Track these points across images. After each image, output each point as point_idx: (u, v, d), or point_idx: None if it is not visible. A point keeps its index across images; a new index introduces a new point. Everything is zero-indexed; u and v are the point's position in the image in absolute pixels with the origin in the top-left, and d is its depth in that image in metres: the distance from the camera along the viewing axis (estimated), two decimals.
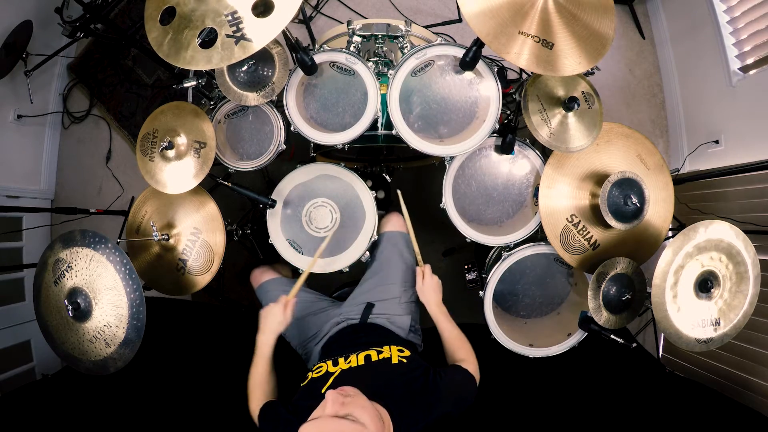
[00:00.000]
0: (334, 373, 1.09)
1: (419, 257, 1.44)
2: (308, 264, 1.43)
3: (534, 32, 1.11)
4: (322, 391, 1.03)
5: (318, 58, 1.32)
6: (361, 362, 1.10)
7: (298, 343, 1.45)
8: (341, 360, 1.13)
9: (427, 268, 1.39)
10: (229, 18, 1.05)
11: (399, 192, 1.48)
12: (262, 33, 1.04)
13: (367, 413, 0.83)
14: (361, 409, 0.83)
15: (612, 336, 1.37)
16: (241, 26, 1.05)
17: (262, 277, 1.58)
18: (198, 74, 1.52)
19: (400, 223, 1.58)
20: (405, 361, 1.11)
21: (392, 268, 1.48)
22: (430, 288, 1.36)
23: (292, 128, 1.40)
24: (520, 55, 1.10)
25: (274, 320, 1.24)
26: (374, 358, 1.11)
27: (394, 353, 1.13)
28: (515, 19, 1.11)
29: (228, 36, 1.05)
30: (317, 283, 1.64)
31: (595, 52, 1.15)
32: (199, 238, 1.48)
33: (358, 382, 0.96)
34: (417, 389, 1.01)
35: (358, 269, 1.54)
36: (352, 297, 1.49)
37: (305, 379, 1.12)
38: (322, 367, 1.13)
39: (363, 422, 0.81)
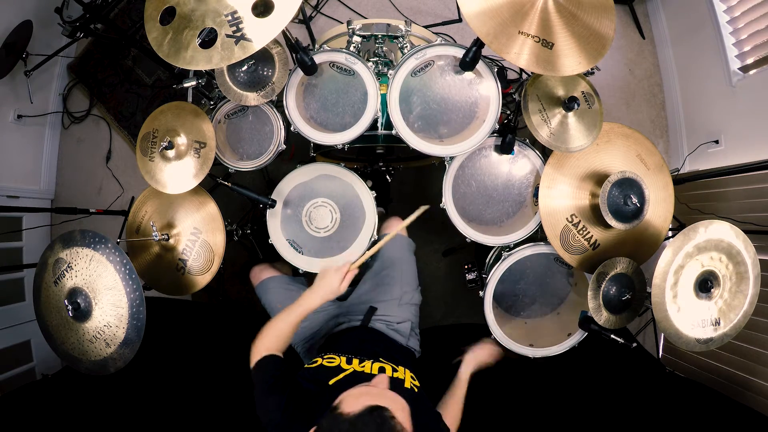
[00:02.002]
0: (346, 370, 1.08)
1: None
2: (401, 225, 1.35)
3: (534, 32, 1.11)
4: (330, 383, 1.02)
5: (318, 58, 1.32)
6: (375, 371, 1.09)
7: (296, 341, 1.45)
8: (355, 361, 1.13)
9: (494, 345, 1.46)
10: (229, 18, 1.05)
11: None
12: (262, 33, 1.05)
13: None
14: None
15: (612, 336, 1.36)
16: (241, 26, 1.05)
17: (261, 274, 1.58)
18: (198, 74, 1.52)
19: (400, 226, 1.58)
20: (416, 390, 1.10)
21: (393, 270, 1.48)
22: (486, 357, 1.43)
23: (292, 128, 1.40)
24: (520, 55, 1.10)
25: (328, 286, 1.19)
26: (388, 372, 1.10)
27: (407, 377, 1.12)
28: (515, 19, 1.11)
29: (228, 36, 1.05)
30: None
31: (595, 52, 1.15)
32: (199, 238, 1.48)
33: None
34: (422, 426, 0.99)
35: (358, 269, 1.54)
36: (353, 298, 1.49)
37: (312, 363, 1.11)
38: (334, 359, 1.12)
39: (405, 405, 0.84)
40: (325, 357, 1.13)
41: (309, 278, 1.58)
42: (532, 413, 1.61)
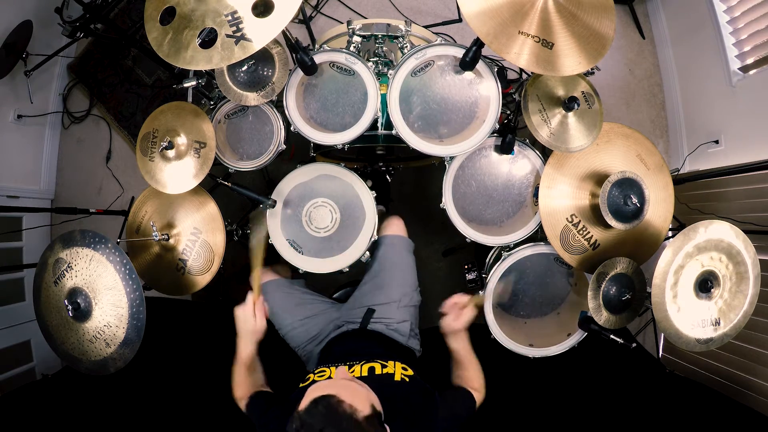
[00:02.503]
0: None
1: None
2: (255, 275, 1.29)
3: (534, 32, 1.11)
4: None
5: (318, 58, 1.32)
6: (365, 373, 1.10)
7: (297, 344, 1.45)
8: (344, 368, 1.13)
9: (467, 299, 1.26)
10: (229, 18, 1.05)
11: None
12: (262, 33, 1.05)
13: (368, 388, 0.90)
14: (365, 385, 0.91)
15: (612, 336, 1.36)
16: (241, 26, 1.05)
17: (261, 278, 1.58)
18: (198, 74, 1.52)
19: (400, 227, 1.58)
20: (407, 380, 1.10)
21: (392, 272, 1.48)
22: (464, 318, 1.24)
23: (292, 128, 1.40)
24: (520, 55, 1.10)
25: (244, 328, 1.19)
26: (378, 371, 1.10)
27: (398, 370, 1.12)
28: (515, 19, 1.11)
29: (228, 36, 1.05)
30: (317, 283, 1.64)
31: (595, 52, 1.15)
32: (199, 238, 1.48)
33: None
34: (416, 411, 1.00)
35: (358, 269, 1.54)
36: (352, 300, 1.49)
37: (306, 380, 1.13)
38: (324, 371, 1.13)
39: (367, 388, 0.89)
40: (316, 372, 1.15)
41: (309, 278, 1.58)
42: (531, 413, 1.62)
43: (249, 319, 1.18)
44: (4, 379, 2.03)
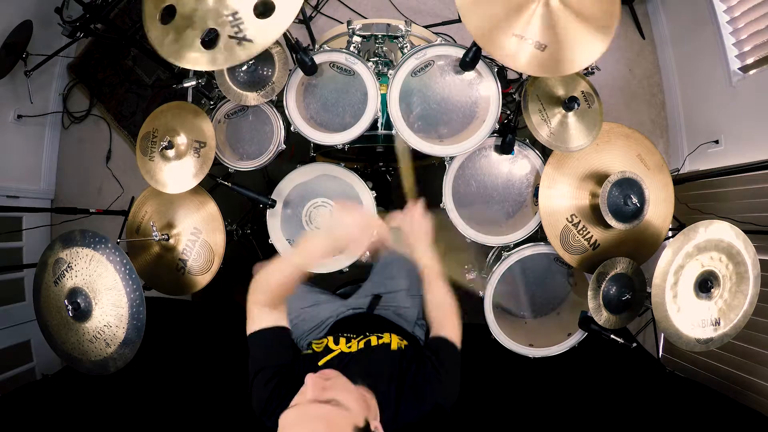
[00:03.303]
0: (334, 351, 1.07)
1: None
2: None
3: (528, 34, 1.11)
4: (319, 364, 1.02)
5: (318, 59, 1.32)
6: (361, 346, 1.07)
7: (298, 335, 1.44)
8: (342, 340, 1.11)
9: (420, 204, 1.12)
10: (230, 19, 1.05)
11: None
12: (264, 34, 1.04)
13: (351, 396, 0.78)
14: (344, 392, 0.79)
15: (612, 336, 1.37)
16: (242, 27, 1.05)
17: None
18: (198, 74, 1.52)
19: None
20: (403, 348, 1.08)
21: (398, 265, 1.47)
22: (420, 225, 1.09)
23: (292, 128, 1.40)
24: (514, 57, 1.10)
25: (364, 221, 1.01)
26: (374, 342, 1.08)
27: (394, 340, 1.10)
28: (509, 20, 1.11)
29: (230, 37, 1.05)
30: (318, 283, 1.64)
31: (592, 54, 1.14)
32: (199, 238, 1.48)
33: (352, 366, 0.95)
34: (411, 377, 0.97)
35: (358, 269, 1.54)
36: (359, 293, 1.49)
37: (308, 351, 1.11)
38: (322, 341, 1.11)
39: (347, 406, 0.75)
40: (315, 342, 1.13)
41: (309, 279, 1.58)
42: (532, 413, 1.61)
43: (371, 218, 1.06)
44: (4, 379, 2.02)
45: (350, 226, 1.01)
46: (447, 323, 1.06)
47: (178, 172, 1.37)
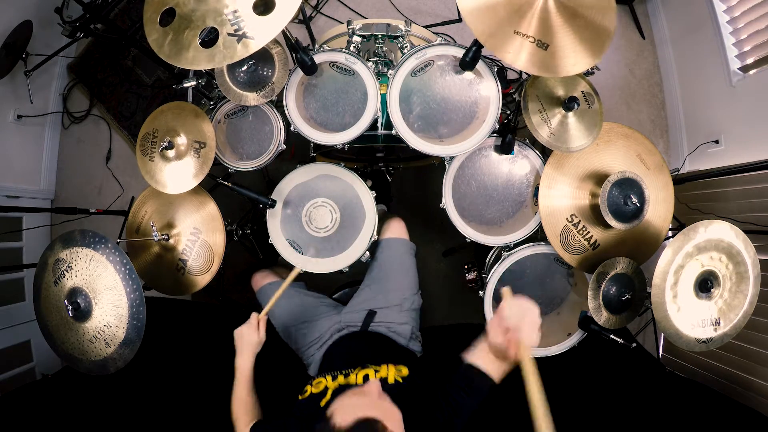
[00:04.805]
0: (331, 388, 1.10)
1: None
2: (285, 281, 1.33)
3: (530, 33, 1.11)
4: (321, 404, 1.04)
5: (318, 58, 1.32)
6: (359, 381, 1.10)
7: (298, 347, 1.46)
8: (340, 377, 1.14)
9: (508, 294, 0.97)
10: (230, 17, 1.05)
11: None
12: (263, 31, 1.04)
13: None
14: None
15: (612, 336, 1.36)
16: (242, 24, 1.05)
17: (262, 280, 1.58)
18: (198, 74, 1.52)
19: (401, 229, 1.58)
20: (401, 381, 1.10)
21: (394, 276, 1.48)
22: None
23: (292, 128, 1.40)
24: (515, 56, 1.10)
25: (249, 341, 1.22)
26: (371, 377, 1.10)
27: (391, 373, 1.12)
28: (512, 19, 1.11)
29: (230, 35, 1.05)
30: (318, 284, 1.64)
31: (593, 54, 1.15)
32: (199, 238, 1.48)
33: None
34: (411, 410, 0.94)
35: (358, 269, 1.54)
36: (353, 302, 1.49)
37: (304, 393, 1.13)
38: (321, 382, 1.14)
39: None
40: (313, 383, 1.15)
41: (309, 278, 1.58)
42: (530, 413, 1.61)
43: (252, 333, 1.22)
44: (4, 379, 2.02)
45: (245, 335, 1.24)
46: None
47: (178, 173, 1.37)
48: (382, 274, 1.49)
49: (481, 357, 0.97)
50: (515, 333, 0.89)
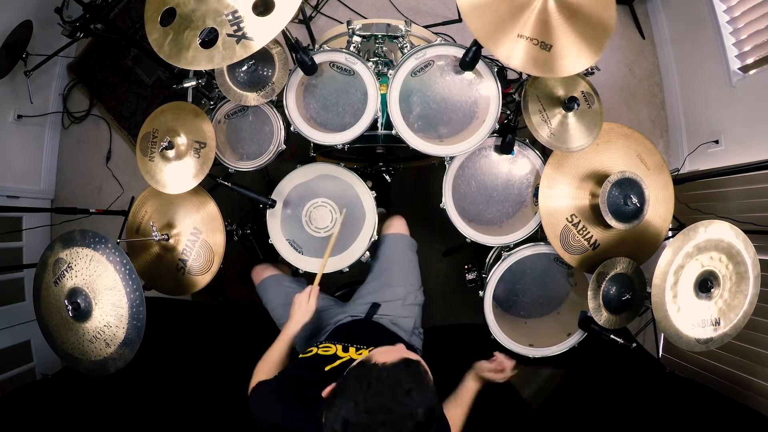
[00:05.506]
0: (342, 358, 1.08)
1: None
2: (323, 258, 1.36)
3: (531, 34, 1.11)
4: (326, 369, 1.03)
5: (318, 58, 1.32)
6: None
7: (299, 341, 1.45)
8: (352, 349, 1.13)
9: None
10: (230, 17, 1.05)
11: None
12: (263, 31, 1.04)
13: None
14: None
15: (612, 336, 1.36)
16: (242, 25, 1.05)
17: (263, 273, 1.58)
18: (198, 74, 1.52)
19: (403, 226, 1.58)
20: None
21: (397, 270, 1.48)
22: (503, 377, 1.25)
23: (292, 128, 1.40)
24: (516, 58, 1.10)
25: (306, 310, 1.25)
26: None
27: None
28: (513, 19, 1.11)
29: (229, 35, 1.05)
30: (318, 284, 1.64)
31: (592, 54, 1.15)
32: (199, 238, 1.48)
33: None
34: None
35: (359, 269, 1.54)
36: (357, 296, 1.49)
37: (308, 353, 1.13)
38: (329, 348, 1.13)
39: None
40: (320, 346, 1.14)
41: (309, 278, 1.58)
42: (531, 413, 1.61)
43: (304, 300, 1.26)
44: (4, 379, 2.02)
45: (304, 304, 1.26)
46: (456, 424, 1.15)
47: (178, 173, 1.37)
48: (385, 268, 1.49)
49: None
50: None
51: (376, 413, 0.73)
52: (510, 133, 1.41)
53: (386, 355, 0.81)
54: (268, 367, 1.18)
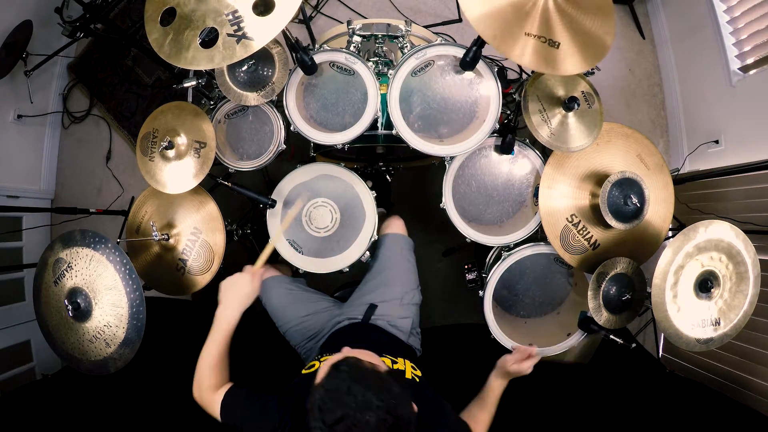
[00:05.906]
0: None
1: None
2: (274, 237, 1.29)
3: (539, 32, 1.11)
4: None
5: (318, 58, 1.32)
6: None
7: (297, 342, 1.45)
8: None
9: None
10: (230, 17, 1.05)
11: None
12: (263, 31, 1.04)
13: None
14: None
15: (612, 336, 1.36)
16: (242, 25, 1.05)
17: (263, 274, 1.58)
18: (198, 74, 1.52)
19: (401, 226, 1.58)
20: (417, 380, 1.09)
21: (394, 270, 1.48)
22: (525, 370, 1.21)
23: (292, 128, 1.40)
24: (526, 56, 1.10)
25: (240, 291, 1.10)
26: (387, 365, 1.07)
27: (408, 368, 1.12)
28: (519, 20, 1.11)
29: (229, 35, 1.05)
30: (318, 284, 1.64)
31: (597, 51, 1.15)
32: (199, 238, 1.48)
33: None
34: (425, 413, 0.94)
35: (359, 269, 1.54)
36: (354, 298, 1.49)
37: (310, 368, 1.12)
38: (314, 365, 1.12)
39: None
40: (321, 360, 1.14)
41: (309, 278, 1.58)
42: (531, 413, 1.61)
43: (245, 284, 1.11)
44: (4, 379, 2.02)
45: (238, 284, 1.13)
46: (479, 428, 1.13)
47: (178, 173, 1.37)
48: (382, 268, 1.49)
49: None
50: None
51: (336, 426, 0.75)
52: (510, 133, 1.41)
53: (320, 374, 0.84)
54: (218, 372, 1.12)
